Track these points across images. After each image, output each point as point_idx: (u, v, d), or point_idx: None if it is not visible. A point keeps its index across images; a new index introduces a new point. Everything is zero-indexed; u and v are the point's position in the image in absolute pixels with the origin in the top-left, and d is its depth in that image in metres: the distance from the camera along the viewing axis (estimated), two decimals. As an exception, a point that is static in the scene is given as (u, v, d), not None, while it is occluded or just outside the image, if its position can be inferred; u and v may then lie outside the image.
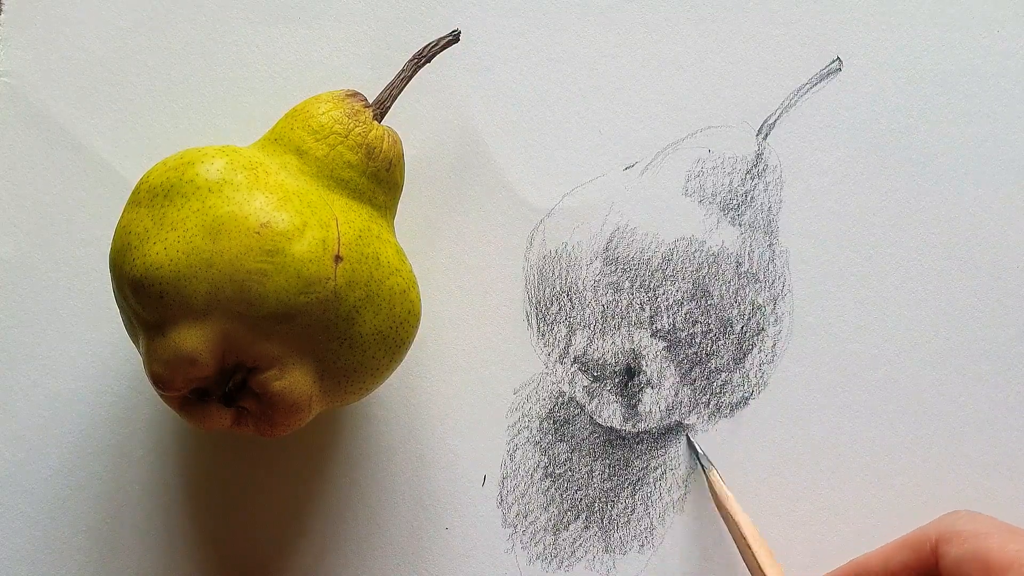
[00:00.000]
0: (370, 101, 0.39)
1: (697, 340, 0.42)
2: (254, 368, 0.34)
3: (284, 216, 0.34)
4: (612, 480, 0.42)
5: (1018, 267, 0.42)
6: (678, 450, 0.41)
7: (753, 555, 0.37)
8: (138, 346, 0.36)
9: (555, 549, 0.41)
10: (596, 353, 0.42)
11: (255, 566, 0.41)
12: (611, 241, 0.42)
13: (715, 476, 0.40)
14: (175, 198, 0.34)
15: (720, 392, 0.42)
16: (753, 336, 0.42)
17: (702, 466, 0.41)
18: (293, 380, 0.34)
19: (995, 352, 0.42)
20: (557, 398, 0.42)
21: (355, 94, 0.39)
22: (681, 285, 0.42)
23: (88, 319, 0.42)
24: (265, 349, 0.34)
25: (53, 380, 0.42)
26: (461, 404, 0.42)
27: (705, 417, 0.42)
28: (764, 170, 0.43)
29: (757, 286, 0.42)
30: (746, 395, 0.42)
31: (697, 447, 0.41)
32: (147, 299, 0.34)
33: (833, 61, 0.43)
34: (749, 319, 0.42)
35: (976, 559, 0.32)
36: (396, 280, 0.36)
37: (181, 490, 0.41)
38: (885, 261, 0.42)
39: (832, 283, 0.42)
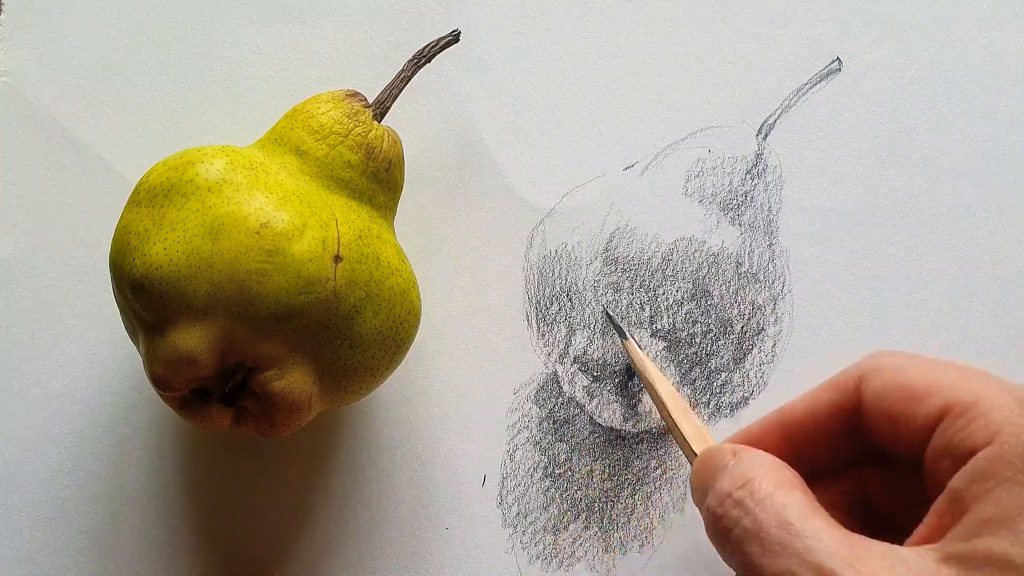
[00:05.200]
0: (370, 101, 0.39)
1: (697, 340, 0.42)
2: (254, 368, 0.34)
3: (284, 216, 0.34)
4: (612, 480, 0.42)
5: (1018, 267, 0.42)
6: (678, 450, 0.41)
7: (669, 413, 0.38)
8: (138, 346, 0.36)
9: (555, 549, 0.41)
10: (596, 353, 0.42)
11: (255, 566, 0.41)
12: (611, 241, 0.42)
13: (632, 344, 0.40)
14: (175, 198, 0.34)
15: (720, 392, 0.42)
16: (753, 336, 0.42)
17: (621, 336, 0.41)
18: (293, 380, 0.34)
19: (995, 352, 0.42)
20: (557, 398, 0.42)
21: (355, 94, 0.39)
22: (681, 285, 0.42)
23: (88, 319, 0.42)
24: (265, 349, 0.34)
25: (53, 380, 0.42)
26: (461, 404, 0.42)
27: (705, 417, 0.42)
28: (764, 170, 0.43)
29: (757, 286, 0.42)
30: (746, 395, 0.42)
31: (614, 319, 0.41)
32: (147, 299, 0.34)
33: (833, 61, 0.43)
34: (749, 319, 0.42)
35: (898, 388, 0.32)
36: (396, 280, 0.36)
37: (181, 490, 0.41)
38: (885, 261, 0.42)
39: (832, 283, 0.42)
